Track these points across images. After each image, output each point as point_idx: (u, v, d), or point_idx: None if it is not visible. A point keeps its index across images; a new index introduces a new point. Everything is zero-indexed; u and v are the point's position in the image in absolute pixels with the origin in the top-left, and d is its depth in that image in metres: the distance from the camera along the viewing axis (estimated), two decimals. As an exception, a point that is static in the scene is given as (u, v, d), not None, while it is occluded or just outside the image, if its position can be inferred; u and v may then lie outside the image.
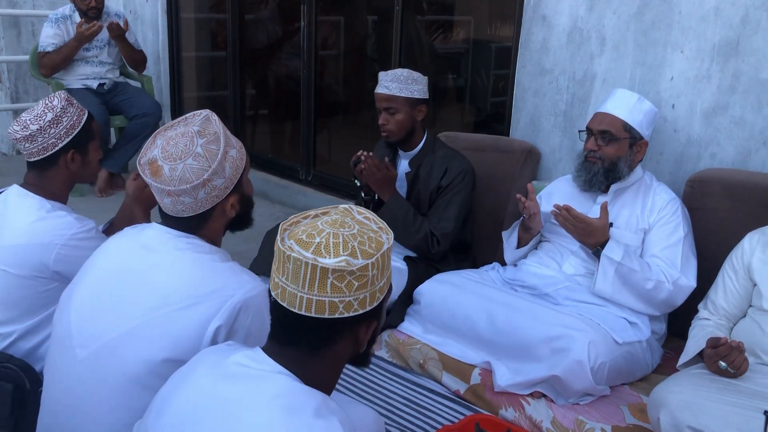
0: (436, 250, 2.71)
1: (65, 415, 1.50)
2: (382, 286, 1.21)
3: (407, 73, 2.71)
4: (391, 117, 2.71)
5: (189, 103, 5.40)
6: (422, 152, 2.81)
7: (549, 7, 2.94)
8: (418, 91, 2.72)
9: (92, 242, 1.89)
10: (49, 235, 1.88)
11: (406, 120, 2.72)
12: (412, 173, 2.81)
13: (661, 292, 2.27)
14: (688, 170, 2.63)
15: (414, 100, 2.71)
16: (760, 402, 1.72)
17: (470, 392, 2.31)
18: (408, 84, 2.69)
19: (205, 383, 1.19)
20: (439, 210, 2.73)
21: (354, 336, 1.21)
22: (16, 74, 5.31)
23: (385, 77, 2.71)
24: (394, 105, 2.69)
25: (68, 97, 1.99)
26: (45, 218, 1.90)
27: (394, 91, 2.68)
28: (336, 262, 1.12)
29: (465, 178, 2.75)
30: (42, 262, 1.87)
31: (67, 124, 1.95)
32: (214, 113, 1.58)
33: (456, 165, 2.75)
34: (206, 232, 1.58)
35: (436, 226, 2.71)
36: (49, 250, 1.87)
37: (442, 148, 2.83)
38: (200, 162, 1.47)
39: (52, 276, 1.89)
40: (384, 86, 2.71)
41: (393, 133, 2.74)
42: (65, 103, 1.96)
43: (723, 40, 2.49)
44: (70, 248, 1.88)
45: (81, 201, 4.29)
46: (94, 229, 1.97)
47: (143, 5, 5.24)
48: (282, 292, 1.16)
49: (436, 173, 2.76)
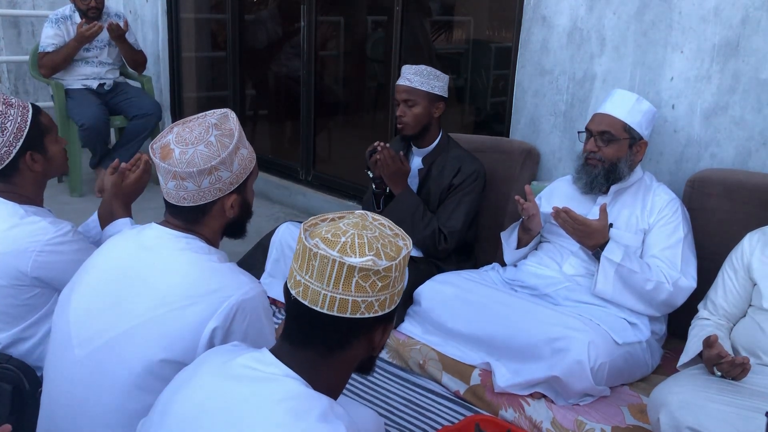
0: (442, 247, 2.72)
1: (64, 415, 1.50)
2: (400, 290, 1.22)
3: (430, 69, 2.74)
4: (408, 109, 2.72)
5: (189, 103, 5.40)
6: (436, 150, 2.83)
7: (549, 8, 2.94)
8: (439, 88, 2.74)
9: (70, 245, 1.86)
10: (25, 242, 1.80)
11: (423, 114, 2.73)
12: (424, 170, 2.82)
13: (661, 292, 2.26)
14: (688, 170, 2.63)
15: (434, 96, 2.73)
16: (760, 402, 1.71)
17: (470, 393, 2.31)
18: (430, 79, 2.72)
19: (211, 384, 1.19)
20: (449, 208, 2.74)
21: (369, 338, 1.22)
22: (16, 74, 5.31)
23: (408, 70, 2.74)
24: (414, 97, 2.71)
25: (6, 99, 1.86)
26: (18, 225, 1.82)
27: (415, 84, 2.71)
28: (363, 261, 1.14)
29: (477, 179, 2.76)
30: (20, 270, 1.81)
31: (13, 128, 1.84)
32: (234, 113, 1.59)
33: (469, 165, 2.77)
34: (204, 230, 1.58)
35: (445, 224, 2.72)
36: (26, 257, 1.80)
37: (456, 148, 2.85)
38: (211, 150, 1.49)
39: (32, 283, 1.84)
40: (406, 78, 2.73)
41: (409, 126, 2.75)
42: (3, 106, 1.83)
43: (723, 40, 2.49)
44: (47, 254, 1.82)
45: (81, 201, 4.30)
46: (71, 231, 1.90)
47: (143, 5, 5.24)
48: (305, 290, 1.16)
49: (448, 172, 2.77)
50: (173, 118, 5.28)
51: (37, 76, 4.49)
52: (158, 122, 4.53)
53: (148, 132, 4.45)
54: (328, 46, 4.91)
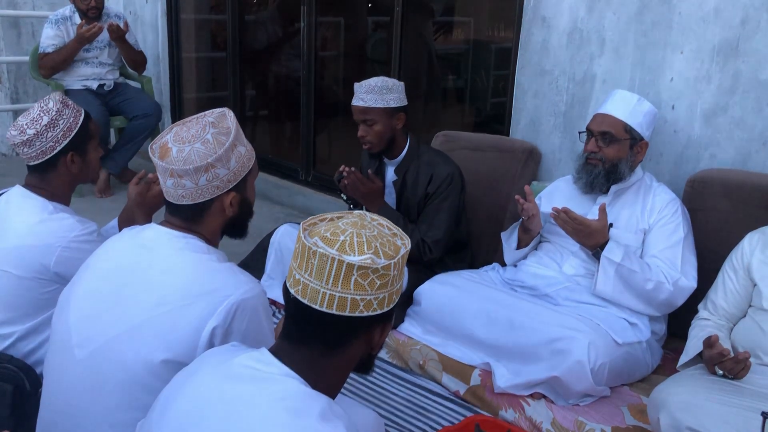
0: (428, 257, 2.70)
1: (65, 415, 1.50)
2: (398, 289, 1.23)
3: (381, 82, 2.63)
4: (369, 129, 2.65)
5: (189, 103, 5.41)
6: (407, 159, 2.76)
7: (549, 8, 2.94)
8: (394, 99, 2.65)
9: (93, 245, 1.86)
10: (51, 237, 1.87)
11: (385, 130, 2.66)
12: (399, 181, 2.78)
13: (661, 292, 2.27)
14: (687, 171, 2.63)
15: (391, 110, 2.64)
16: (760, 403, 1.71)
17: (470, 393, 2.31)
18: (383, 94, 2.62)
19: (210, 383, 1.19)
20: (429, 218, 2.70)
21: (368, 337, 1.23)
22: (16, 75, 5.31)
23: (360, 89, 2.65)
24: (371, 116, 2.63)
25: (63, 99, 1.96)
26: (47, 220, 1.90)
27: (369, 103, 2.62)
28: (361, 259, 1.14)
29: (451, 183, 2.70)
30: (43, 264, 1.86)
31: (64, 126, 1.93)
32: (232, 112, 1.60)
33: (441, 171, 2.70)
34: (204, 229, 1.58)
35: (427, 234, 2.68)
36: (51, 251, 1.86)
37: (427, 153, 2.78)
38: (207, 147, 1.49)
39: (52, 278, 1.89)
40: (359, 98, 2.64)
41: (374, 145, 2.69)
42: (60, 105, 1.93)
43: (723, 41, 2.49)
44: (71, 250, 1.88)
45: (81, 201, 4.29)
46: (96, 231, 1.97)
47: (143, 6, 5.25)
48: (303, 288, 1.17)
49: (422, 180, 2.72)
50: (173, 118, 5.28)
51: (37, 77, 4.49)
52: (158, 123, 4.53)
53: (148, 132, 4.45)
54: (328, 47, 4.91)
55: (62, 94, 1.99)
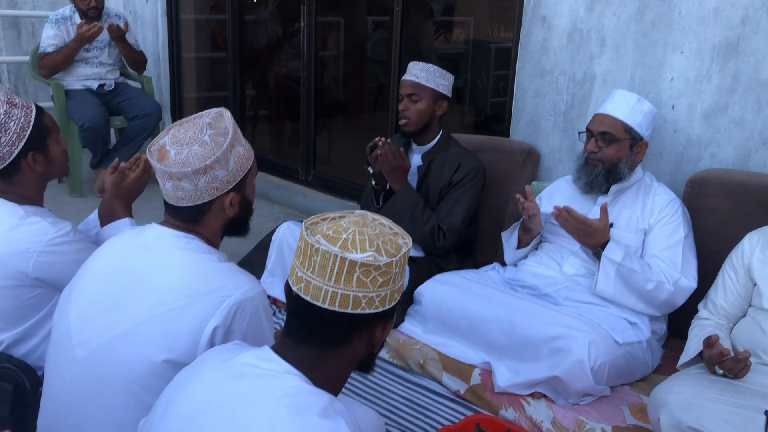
0: (441, 244, 2.72)
1: (65, 415, 1.50)
2: (400, 287, 1.24)
3: (437, 67, 2.76)
4: (412, 105, 2.74)
5: (189, 103, 5.41)
6: (436, 148, 2.84)
7: (549, 8, 2.94)
8: (444, 86, 2.77)
9: (70, 246, 1.85)
10: (25, 243, 1.79)
11: (426, 111, 2.75)
12: (423, 168, 2.83)
13: (661, 292, 2.27)
14: (687, 171, 2.63)
15: (438, 94, 2.75)
16: (761, 402, 1.71)
17: (470, 392, 2.32)
18: (436, 77, 2.74)
19: (212, 382, 1.20)
20: (449, 205, 2.75)
21: (369, 335, 1.23)
22: (16, 75, 5.32)
23: (415, 66, 2.76)
24: (418, 93, 2.73)
25: (10, 98, 1.85)
26: (19, 226, 1.81)
27: (421, 80, 2.73)
28: (364, 256, 1.15)
29: (476, 176, 2.77)
30: (21, 271, 1.80)
31: (16, 127, 1.83)
32: (229, 111, 1.59)
33: (469, 162, 2.78)
34: (204, 229, 1.58)
35: (444, 221, 2.72)
36: (27, 258, 1.79)
37: (456, 147, 2.86)
38: (205, 149, 1.49)
39: (33, 283, 1.83)
40: (413, 74, 2.75)
41: (411, 122, 2.76)
42: (7, 106, 1.82)
43: (723, 40, 2.49)
44: (48, 254, 1.81)
45: (81, 202, 4.30)
46: (72, 231, 1.89)
47: (143, 6, 5.25)
48: (306, 285, 1.18)
49: (448, 168, 2.78)
50: (173, 118, 5.28)
51: (37, 77, 4.49)
52: (158, 123, 4.53)
53: (148, 132, 4.45)
54: (329, 47, 4.92)
55: (7, 93, 1.88)
